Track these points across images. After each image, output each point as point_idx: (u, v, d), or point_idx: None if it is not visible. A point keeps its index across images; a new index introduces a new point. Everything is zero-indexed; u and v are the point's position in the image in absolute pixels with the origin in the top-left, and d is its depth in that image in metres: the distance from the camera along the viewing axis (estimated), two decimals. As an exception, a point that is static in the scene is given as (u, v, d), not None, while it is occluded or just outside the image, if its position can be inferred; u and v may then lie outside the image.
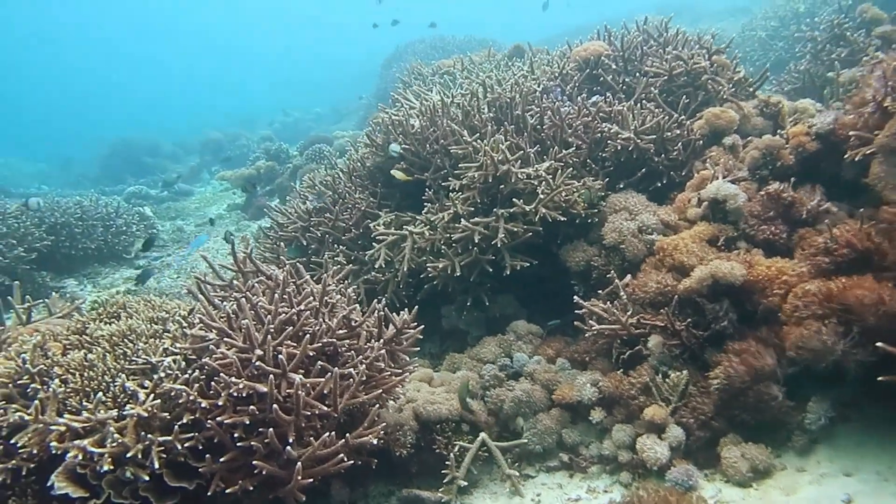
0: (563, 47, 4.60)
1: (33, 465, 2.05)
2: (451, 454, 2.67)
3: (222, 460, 2.07)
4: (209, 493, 2.04)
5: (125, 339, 2.40)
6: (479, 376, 3.11)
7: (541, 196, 3.23)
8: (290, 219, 4.13)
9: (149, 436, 2.03)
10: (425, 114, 3.82)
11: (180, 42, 41.28)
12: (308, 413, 2.18)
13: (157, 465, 1.99)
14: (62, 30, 40.42)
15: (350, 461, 2.20)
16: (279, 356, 2.18)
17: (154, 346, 2.35)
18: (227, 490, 2.04)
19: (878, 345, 2.06)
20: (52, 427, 2.02)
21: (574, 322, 3.04)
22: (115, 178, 13.92)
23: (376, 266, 3.54)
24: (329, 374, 2.23)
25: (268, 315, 2.31)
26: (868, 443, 2.35)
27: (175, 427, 2.05)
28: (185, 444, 2.06)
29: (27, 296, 3.02)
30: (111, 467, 1.96)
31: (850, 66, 4.51)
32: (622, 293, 2.95)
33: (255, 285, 2.64)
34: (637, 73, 3.96)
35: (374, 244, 3.59)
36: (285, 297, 2.42)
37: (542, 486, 2.71)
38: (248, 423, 2.09)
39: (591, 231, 3.39)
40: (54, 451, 2.00)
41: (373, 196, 3.99)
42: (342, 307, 2.62)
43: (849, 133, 2.80)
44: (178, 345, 2.30)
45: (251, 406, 2.09)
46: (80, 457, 1.97)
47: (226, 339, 2.24)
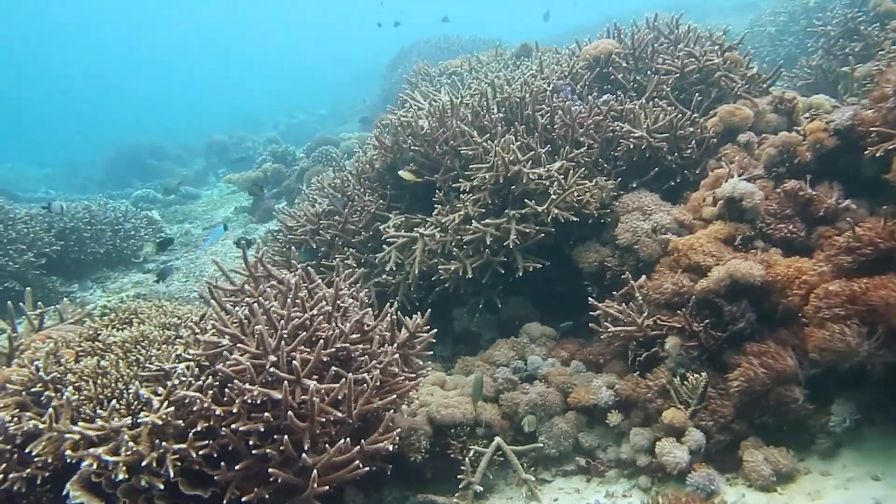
0: (571, 46, 4.56)
1: (48, 474, 2.04)
2: (466, 459, 2.64)
3: (237, 468, 2.05)
4: (224, 501, 2.02)
5: (138, 346, 2.39)
6: (492, 379, 3.07)
7: (553, 196, 3.19)
8: (299, 222, 4.11)
9: (163, 444, 2.01)
10: (434, 115, 3.79)
11: (180, 43, 41.48)
12: (323, 419, 2.15)
13: (171, 474, 1.97)
14: (62, 32, 40.69)
15: (365, 468, 2.18)
16: (293, 362, 2.16)
17: (167, 352, 2.33)
18: (242, 498, 2.02)
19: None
20: (66, 435, 2.01)
21: (589, 324, 3.00)
22: (121, 182, 13.98)
23: (387, 269, 3.52)
24: (343, 379, 2.20)
25: (281, 320, 2.28)
26: (896, 446, 2.30)
27: (189, 435, 2.03)
28: (200, 452, 2.04)
29: (39, 302, 3.01)
30: (126, 476, 1.95)
31: (864, 60, 4.44)
32: (637, 294, 2.91)
33: (267, 290, 2.62)
34: (648, 71, 3.91)
35: (384, 247, 3.56)
36: (298, 301, 2.40)
37: (559, 491, 2.67)
38: (262, 430, 2.07)
39: (604, 231, 3.35)
40: (69, 460, 1.99)
41: (382, 198, 3.96)
42: (355, 311, 2.59)
43: (869, 129, 2.75)
44: (190, 351, 2.28)
45: (266, 413, 2.07)
46: (94, 465, 1.96)
47: (239, 344, 2.22)
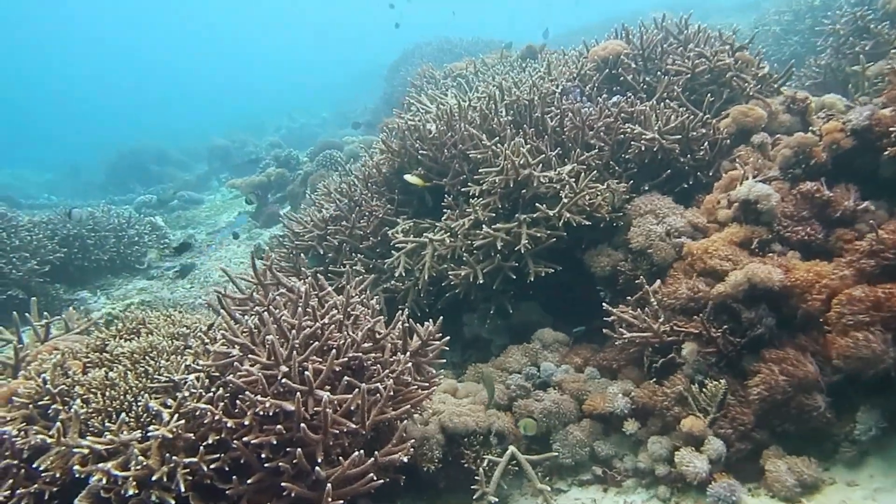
0: (578, 47, 4.51)
1: (56, 489, 1.99)
2: (480, 469, 2.59)
3: (250, 482, 2.00)
4: (237, 516, 1.98)
5: (146, 357, 2.34)
6: (505, 387, 3.02)
7: (564, 200, 3.15)
8: (306, 227, 4.07)
9: (174, 457, 1.96)
10: (442, 118, 3.75)
11: (180, 43, 41.57)
12: (336, 431, 2.10)
13: (182, 488, 1.93)
14: (61, 33, 40.77)
15: (380, 480, 2.13)
16: (305, 372, 2.11)
17: (176, 362, 2.28)
18: (255, 513, 1.97)
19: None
20: (75, 450, 1.97)
21: (603, 329, 2.95)
22: (123, 186, 13.97)
23: (395, 274, 3.47)
24: (356, 389, 2.15)
25: (292, 329, 2.24)
26: (923, 455, 2.24)
27: (200, 448, 1.99)
28: (212, 466, 2.00)
29: (45, 312, 2.97)
30: (136, 491, 1.90)
31: (874, 59, 4.39)
32: (652, 299, 2.86)
33: (277, 298, 2.57)
34: (658, 72, 3.86)
35: (392, 252, 3.52)
36: (308, 310, 2.35)
37: (576, 501, 2.62)
38: (275, 442, 2.02)
39: (616, 235, 3.30)
40: (78, 475, 1.94)
41: (390, 203, 3.92)
42: (366, 319, 2.55)
43: (888, 128, 2.70)
44: (200, 361, 2.24)
45: (278, 425, 2.02)
46: (104, 480, 1.91)
47: (250, 355, 2.18)
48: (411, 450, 2.26)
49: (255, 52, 40.13)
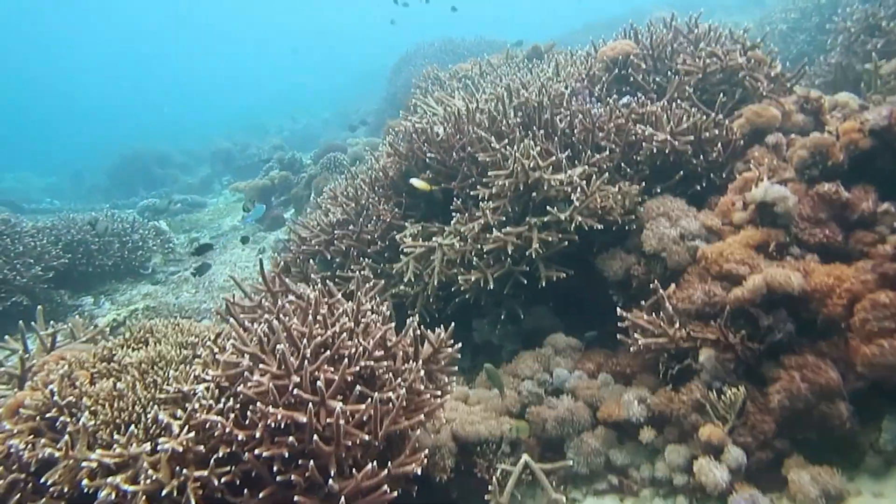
0: (587, 47, 4.46)
1: (64, 504, 1.95)
2: (493, 478, 2.54)
3: (261, 496, 1.96)
4: (248, 530, 1.93)
5: (154, 367, 2.30)
6: (517, 393, 2.98)
7: (575, 203, 3.10)
8: (312, 232, 4.02)
9: (184, 471, 1.92)
10: (449, 120, 3.70)
11: (180, 43, 41.62)
12: (349, 443, 2.06)
13: (193, 502, 1.88)
14: (63, 35, 40.83)
15: (393, 492, 2.08)
16: (317, 382, 2.07)
17: (185, 372, 2.24)
18: (267, 527, 1.93)
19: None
20: (83, 463, 1.92)
21: (617, 335, 2.90)
22: (126, 190, 13.97)
23: (404, 279, 3.42)
24: (369, 399, 2.11)
25: (303, 338, 2.19)
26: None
27: (211, 461, 1.94)
28: (222, 479, 1.95)
29: (51, 321, 2.93)
30: (146, 506, 1.86)
31: (887, 56, 4.33)
32: (667, 304, 2.81)
33: (286, 305, 2.53)
34: (668, 72, 3.81)
35: (401, 257, 3.47)
36: (319, 317, 2.31)
37: (591, 511, 2.57)
38: (286, 455, 1.97)
39: (629, 238, 3.25)
40: (86, 490, 1.90)
41: (397, 206, 3.87)
42: (377, 326, 2.50)
43: (908, 129, 2.64)
44: (209, 371, 2.19)
45: (290, 437, 1.98)
46: (113, 495, 1.87)
47: (260, 364, 2.13)
48: (425, 461, 2.22)
49: (255, 51, 40.17)
